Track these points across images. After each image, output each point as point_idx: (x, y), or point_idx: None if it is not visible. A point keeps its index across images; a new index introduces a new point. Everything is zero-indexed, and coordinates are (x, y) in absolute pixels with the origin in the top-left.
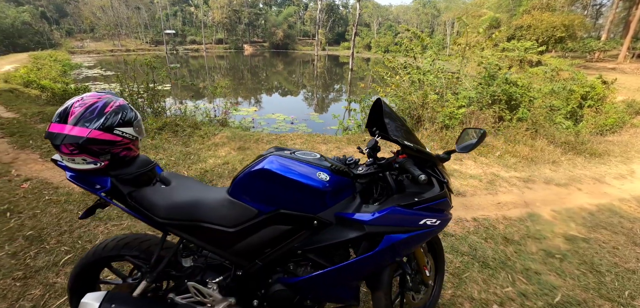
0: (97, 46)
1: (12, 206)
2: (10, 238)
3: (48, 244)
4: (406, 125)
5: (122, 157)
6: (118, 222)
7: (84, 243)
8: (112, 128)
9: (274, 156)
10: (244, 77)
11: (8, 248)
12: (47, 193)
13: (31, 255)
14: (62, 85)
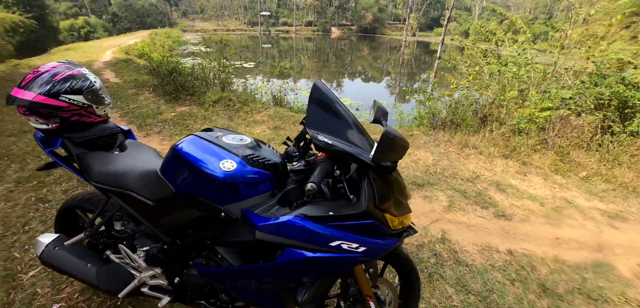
0: (204, 25)
1: None
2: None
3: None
4: (348, 116)
5: (74, 121)
6: None
7: None
8: (58, 94)
9: (194, 135)
10: (328, 60)
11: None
12: None
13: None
14: (160, 56)
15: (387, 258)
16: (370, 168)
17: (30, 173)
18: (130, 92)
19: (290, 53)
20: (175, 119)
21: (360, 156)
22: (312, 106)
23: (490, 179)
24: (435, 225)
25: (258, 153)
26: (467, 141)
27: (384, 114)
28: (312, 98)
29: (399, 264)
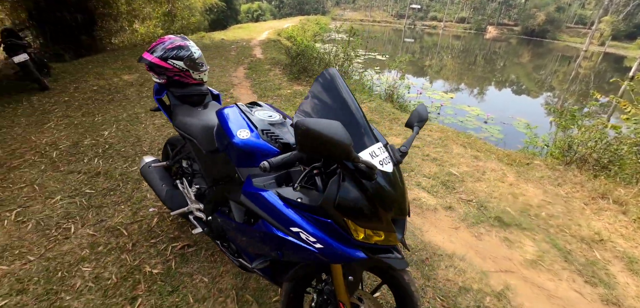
0: (352, 15)
1: None
2: None
3: None
4: (352, 112)
5: (175, 80)
6: None
7: None
8: (167, 58)
9: (235, 105)
10: (475, 63)
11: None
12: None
13: None
14: (302, 40)
15: (386, 278)
16: (343, 166)
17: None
18: (266, 67)
19: (432, 50)
20: (289, 96)
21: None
22: (313, 92)
23: (620, 250)
24: (501, 276)
25: (275, 131)
26: (608, 191)
27: (419, 119)
28: (316, 83)
29: (397, 289)
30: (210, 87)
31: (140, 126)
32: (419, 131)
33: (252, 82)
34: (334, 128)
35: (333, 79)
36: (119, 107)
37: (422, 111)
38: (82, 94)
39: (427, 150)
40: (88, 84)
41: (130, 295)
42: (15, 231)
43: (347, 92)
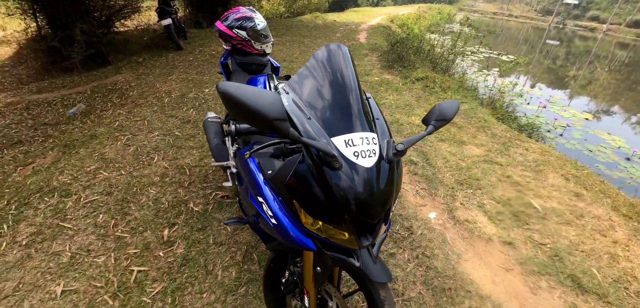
0: (485, 6)
1: None
2: None
3: None
4: (347, 97)
5: (238, 48)
6: None
7: None
8: (232, 27)
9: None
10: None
11: None
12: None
13: None
14: (412, 27)
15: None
16: (305, 146)
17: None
18: (363, 52)
19: (582, 58)
20: (374, 83)
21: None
22: (309, 65)
23: None
24: None
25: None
26: None
27: (439, 117)
28: (313, 58)
29: (370, 302)
30: (275, 61)
31: None
32: (434, 131)
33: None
34: (257, 97)
35: (332, 55)
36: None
37: (447, 108)
38: (202, 56)
39: (510, 171)
40: (209, 48)
41: (172, 220)
42: (121, 151)
43: (347, 72)
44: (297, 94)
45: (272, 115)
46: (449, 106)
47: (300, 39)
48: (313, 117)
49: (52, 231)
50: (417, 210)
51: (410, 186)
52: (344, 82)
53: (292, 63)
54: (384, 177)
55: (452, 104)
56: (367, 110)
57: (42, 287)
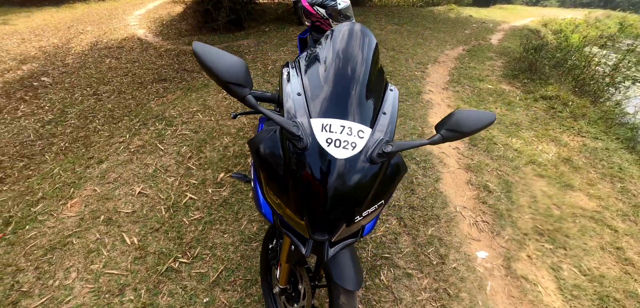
0: None
1: None
2: None
3: None
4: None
5: (317, 26)
6: None
7: None
8: (313, 5)
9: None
10: None
11: None
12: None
13: None
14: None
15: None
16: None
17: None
18: (488, 55)
19: None
20: (485, 92)
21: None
22: (324, 41)
23: None
24: None
25: None
26: None
27: (455, 127)
28: (332, 32)
29: (331, 299)
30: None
31: None
32: (441, 141)
33: (455, 66)
34: (217, 59)
35: (351, 36)
36: None
37: (469, 119)
38: None
39: (627, 243)
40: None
41: (230, 167)
42: (218, 102)
43: (359, 56)
44: (303, 67)
45: (227, 78)
46: (475, 116)
47: (420, 31)
48: (306, 93)
49: (151, 148)
50: (464, 242)
51: (470, 213)
52: (351, 65)
53: (400, 54)
54: (357, 175)
55: (482, 115)
56: (371, 101)
57: (129, 184)
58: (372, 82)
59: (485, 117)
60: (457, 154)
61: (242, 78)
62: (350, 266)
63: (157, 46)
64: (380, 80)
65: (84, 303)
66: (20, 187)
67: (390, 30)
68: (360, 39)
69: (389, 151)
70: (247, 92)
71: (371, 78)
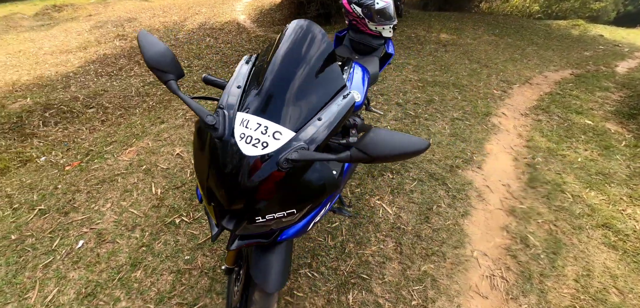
0: None
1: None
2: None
3: None
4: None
5: (353, 25)
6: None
7: None
8: (350, 2)
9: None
10: None
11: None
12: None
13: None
14: None
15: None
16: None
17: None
18: (603, 84)
19: None
20: (577, 127)
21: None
22: (282, 35)
23: None
24: None
25: None
26: None
27: (365, 147)
28: (287, 27)
29: (246, 295)
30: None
31: (403, 72)
32: (350, 160)
33: (551, 91)
34: (148, 46)
35: (302, 33)
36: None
37: (391, 141)
38: (399, 36)
39: None
40: (413, 31)
41: None
42: None
43: (305, 55)
44: (257, 61)
45: (152, 64)
46: (399, 140)
47: (522, 46)
48: (245, 87)
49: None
50: (464, 294)
51: (489, 263)
52: (290, 65)
53: (485, 68)
54: (260, 175)
55: (408, 141)
56: (305, 104)
57: (172, 145)
58: (313, 85)
59: (412, 143)
60: (504, 192)
61: (167, 65)
62: (271, 266)
63: (250, 31)
64: (329, 84)
65: (106, 229)
66: (109, 130)
67: (484, 41)
68: (308, 39)
69: (294, 159)
70: (170, 78)
71: (313, 81)
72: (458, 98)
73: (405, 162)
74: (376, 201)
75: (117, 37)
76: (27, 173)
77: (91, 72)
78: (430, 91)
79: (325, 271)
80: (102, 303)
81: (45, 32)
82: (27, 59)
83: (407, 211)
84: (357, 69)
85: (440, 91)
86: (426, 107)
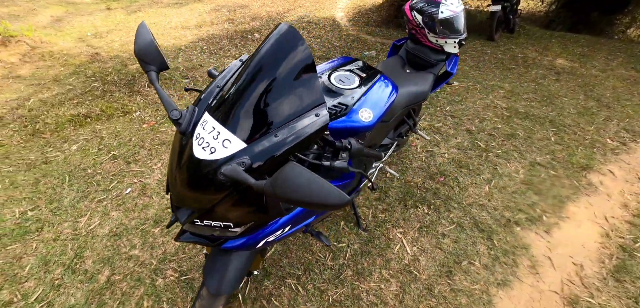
0: None
1: None
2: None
3: None
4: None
5: (412, 34)
6: None
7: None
8: (412, 8)
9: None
10: None
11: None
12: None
13: None
14: None
15: None
16: None
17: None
18: None
19: None
20: None
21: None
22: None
23: None
24: None
25: None
26: None
27: (279, 183)
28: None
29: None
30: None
31: (489, 96)
32: (262, 190)
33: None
34: (138, 39)
35: (279, 38)
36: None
37: (302, 182)
38: (501, 54)
39: None
40: (523, 50)
41: None
42: None
43: (273, 63)
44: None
45: (138, 54)
46: (312, 184)
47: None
48: (223, 86)
49: None
50: None
51: None
52: (258, 73)
53: (605, 109)
54: (200, 180)
55: (324, 190)
56: (264, 116)
57: None
58: (282, 97)
59: (328, 194)
60: (572, 272)
61: (149, 57)
62: (219, 270)
63: (343, 29)
64: (302, 97)
65: (149, 184)
66: (190, 100)
67: (616, 75)
68: (285, 46)
69: (222, 173)
70: (151, 69)
71: (283, 92)
72: (550, 139)
73: (448, 199)
74: (397, 233)
75: (227, 20)
76: (122, 122)
77: (197, 48)
78: (517, 123)
79: (312, 290)
80: (122, 245)
81: (176, 9)
82: (156, 30)
83: (429, 257)
84: (380, 84)
85: (529, 126)
86: (503, 142)
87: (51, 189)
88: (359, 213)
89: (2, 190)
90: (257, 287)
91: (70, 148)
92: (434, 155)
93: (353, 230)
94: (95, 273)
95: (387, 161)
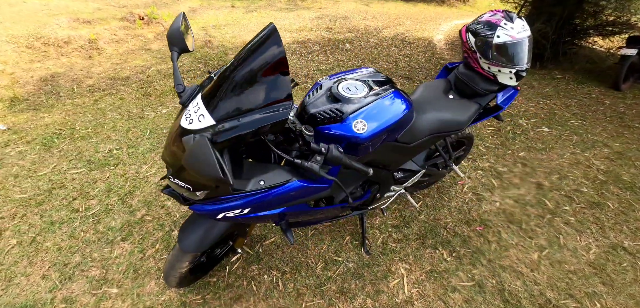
0: None
1: None
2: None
3: None
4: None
5: (465, 58)
6: None
7: None
8: (467, 30)
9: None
10: None
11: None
12: None
13: None
14: None
15: None
16: None
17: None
18: None
19: None
20: None
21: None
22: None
23: None
24: None
25: None
26: None
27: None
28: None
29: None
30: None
31: (585, 153)
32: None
33: None
34: (174, 26)
35: (264, 34)
36: (595, 128)
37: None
38: (626, 108)
39: None
40: None
41: None
42: None
43: (252, 54)
44: None
45: (168, 38)
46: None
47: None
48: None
49: None
50: None
51: None
52: (239, 63)
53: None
54: (176, 143)
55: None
56: (234, 102)
57: None
58: (255, 87)
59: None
60: None
61: (175, 41)
62: (190, 230)
63: (436, 51)
64: (271, 91)
65: None
66: None
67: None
68: (265, 44)
69: (181, 140)
70: (174, 50)
71: (256, 83)
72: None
73: (477, 252)
74: (401, 268)
75: (326, 28)
76: None
77: (291, 50)
78: (611, 193)
79: (291, 289)
80: (162, 196)
81: (286, 14)
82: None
83: (426, 306)
84: (386, 99)
85: (629, 199)
86: (581, 209)
87: (135, 138)
88: (367, 234)
89: (106, 130)
90: (245, 266)
91: (162, 111)
92: (482, 200)
93: (355, 249)
94: (135, 210)
95: (410, 190)
